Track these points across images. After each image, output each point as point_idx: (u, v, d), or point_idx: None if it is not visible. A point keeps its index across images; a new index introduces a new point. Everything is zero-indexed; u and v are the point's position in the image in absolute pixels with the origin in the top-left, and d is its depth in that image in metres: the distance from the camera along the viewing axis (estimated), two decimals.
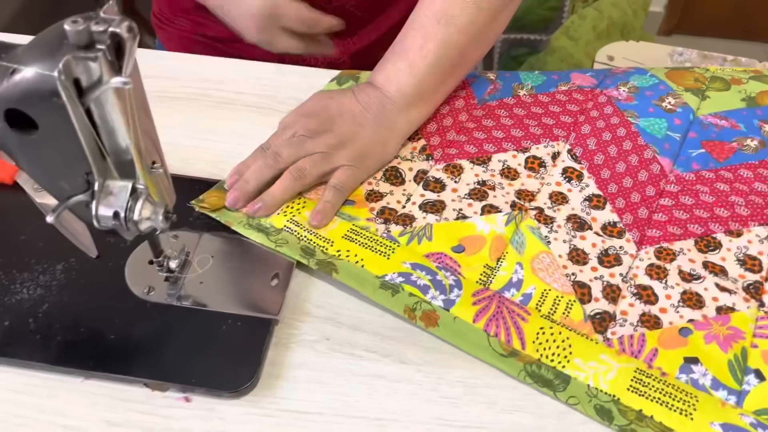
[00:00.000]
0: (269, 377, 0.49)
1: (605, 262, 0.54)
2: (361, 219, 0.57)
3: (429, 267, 0.53)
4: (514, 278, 0.53)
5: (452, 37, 0.61)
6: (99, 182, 0.41)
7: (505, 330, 0.49)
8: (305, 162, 0.57)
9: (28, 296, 0.51)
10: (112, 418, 0.46)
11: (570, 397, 0.47)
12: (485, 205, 0.58)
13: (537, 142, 0.64)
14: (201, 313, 0.51)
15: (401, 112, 0.61)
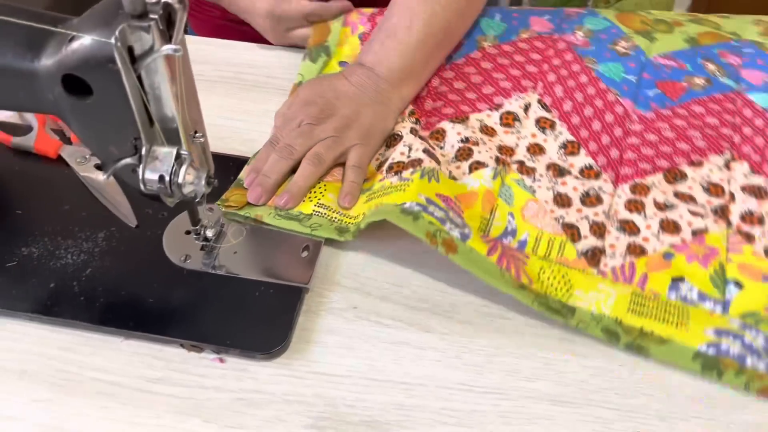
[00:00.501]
0: (300, 341, 0.51)
1: (587, 203, 0.58)
2: (377, 183, 0.59)
3: (440, 206, 0.54)
4: (509, 227, 0.56)
5: (437, 14, 0.64)
6: (146, 147, 0.43)
7: (514, 267, 0.53)
8: (319, 147, 0.59)
9: (72, 261, 0.54)
10: (150, 374, 0.49)
11: (579, 323, 0.51)
12: (472, 162, 0.60)
13: (508, 96, 0.67)
14: (235, 280, 0.53)
15: (394, 89, 0.64)
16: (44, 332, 0.51)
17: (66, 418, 0.46)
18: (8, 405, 0.47)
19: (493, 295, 0.54)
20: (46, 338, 0.51)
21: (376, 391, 0.48)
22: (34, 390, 0.48)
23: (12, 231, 0.56)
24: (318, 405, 0.47)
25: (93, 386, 0.48)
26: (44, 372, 0.49)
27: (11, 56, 0.41)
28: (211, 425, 0.46)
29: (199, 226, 0.53)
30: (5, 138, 0.62)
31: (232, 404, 0.47)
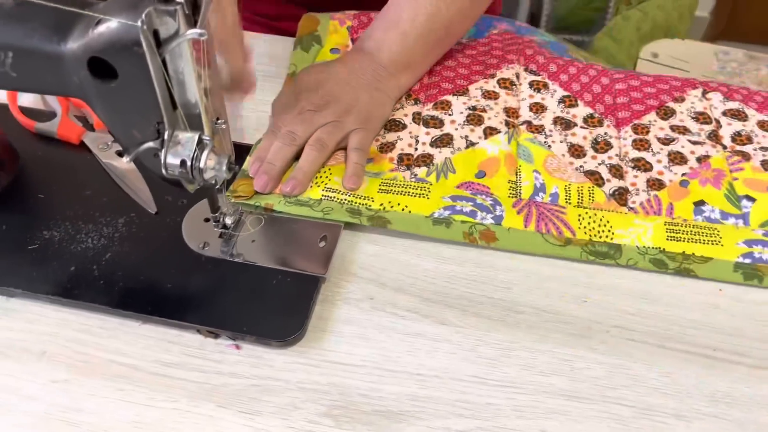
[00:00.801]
0: (316, 330, 0.51)
1: (599, 149, 0.63)
2: (386, 171, 0.61)
3: (466, 195, 0.58)
4: (537, 184, 0.59)
5: (441, 12, 0.64)
6: (168, 132, 0.43)
7: (553, 226, 0.56)
8: (321, 133, 0.59)
9: (93, 246, 0.54)
10: (166, 359, 0.49)
11: (628, 260, 0.55)
12: (485, 128, 0.64)
13: (498, 68, 0.71)
14: (252, 268, 0.54)
15: (392, 77, 0.65)
16: (64, 314, 0.52)
17: (83, 398, 0.47)
18: (27, 385, 0.48)
19: (509, 289, 0.54)
20: (65, 320, 0.51)
21: (390, 382, 0.48)
22: (52, 371, 0.48)
23: (34, 215, 0.57)
24: (332, 394, 0.48)
25: (110, 368, 0.49)
26: (63, 353, 0.49)
27: (38, 38, 0.42)
28: (226, 410, 0.46)
29: (218, 213, 0.54)
30: (28, 123, 0.63)
31: (247, 390, 0.47)
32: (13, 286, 0.52)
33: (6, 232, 0.55)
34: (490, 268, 0.55)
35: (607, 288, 0.54)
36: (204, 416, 0.46)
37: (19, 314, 0.52)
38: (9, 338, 0.50)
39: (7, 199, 0.58)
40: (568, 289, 0.54)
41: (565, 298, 0.53)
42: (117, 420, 0.46)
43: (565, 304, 0.53)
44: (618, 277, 0.55)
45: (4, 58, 0.42)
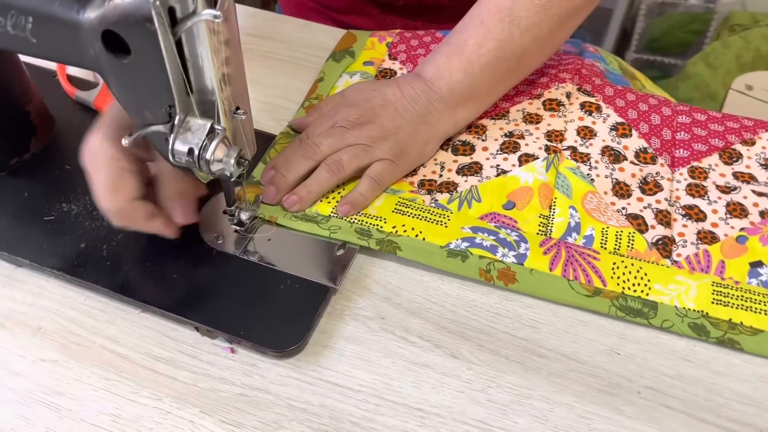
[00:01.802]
0: (316, 344, 0.47)
1: (647, 191, 0.56)
2: (405, 191, 0.56)
3: (488, 228, 0.52)
4: (572, 222, 0.53)
5: (513, 38, 0.56)
6: (180, 117, 0.41)
7: (582, 272, 0.50)
8: (344, 154, 0.54)
9: (107, 225, 0.52)
10: (158, 353, 0.47)
11: (663, 321, 0.48)
12: (521, 155, 0.58)
13: (546, 87, 0.64)
14: (263, 269, 0.51)
15: (447, 110, 0.57)
16: (66, 291, 0.50)
17: (68, 382, 0.45)
18: (16, 360, 0.46)
19: (534, 329, 0.49)
20: (66, 298, 0.50)
21: (386, 413, 0.44)
22: (44, 349, 0.47)
23: (57, 185, 0.56)
24: (322, 416, 0.44)
25: (101, 354, 0.47)
26: (58, 332, 0.48)
27: (59, 4, 0.40)
28: (208, 417, 0.44)
29: (234, 207, 0.51)
30: (71, 90, 0.63)
31: (234, 400, 0.45)
32: (22, 256, 0.51)
33: (27, 199, 0.55)
34: (518, 303, 0.50)
35: (645, 342, 0.48)
36: (185, 420, 0.44)
37: (24, 285, 0.51)
38: (9, 309, 0.49)
39: (35, 166, 0.57)
40: (600, 338, 0.48)
41: (595, 347, 0.48)
42: (96, 411, 0.44)
43: (594, 354, 0.47)
44: (659, 332, 0.48)
45: (24, 22, 0.41)
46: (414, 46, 0.70)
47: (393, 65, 0.68)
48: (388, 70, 0.67)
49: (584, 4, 0.58)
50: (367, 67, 0.68)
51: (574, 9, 0.57)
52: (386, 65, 0.68)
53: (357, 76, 0.66)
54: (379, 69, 0.67)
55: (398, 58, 0.69)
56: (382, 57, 0.69)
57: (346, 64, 0.68)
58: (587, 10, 0.59)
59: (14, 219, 0.53)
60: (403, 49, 0.69)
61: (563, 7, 0.57)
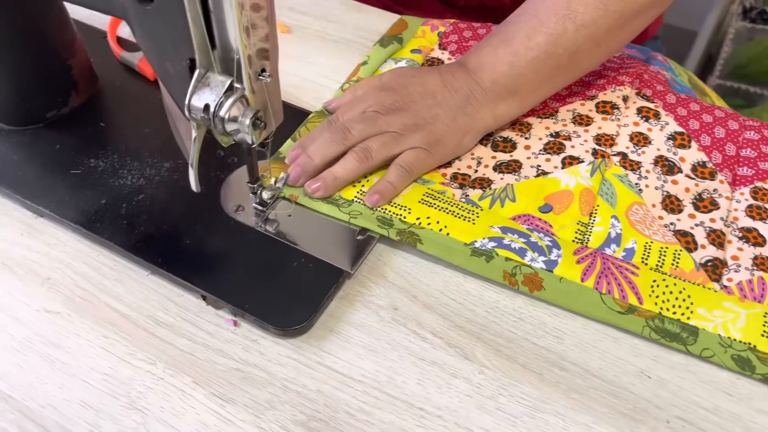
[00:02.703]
0: (322, 328, 0.45)
1: (701, 208, 0.51)
2: (436, 183, 0.52)
3: (520, 230, 0.48)
4: (612, 233, 0.49)
5: (567, 34, 0.52)
6: (200, 72, 0.39)
7: (617, 286, 0.46)
8: (374, 142, 0.51)
9: (130, 183, 0.52)
10: (161, 317, 0.45)
11: (703, 350, 0.43)
12: (565, 157, 0.54)
13: (602, 89, 0.60)
14: (279, 244, 0.48)
15: (489, 103, 0.54)
16: (80, 246, 0.50)
17: (67, 335, 0.44)
18: (20, 307, 0.46)
19: (559, 340, 0.45)
20: (80, 252, 0.49)
21: (385, 408, 0.41)
22: (49, 299, 0.46)
23: (89, 141, 0.55)
24: (317, 403, 0.41)
25: (103, 312, 0.46)
26: (66, 285, 0.47)
27: None
28: (200, 389, 0.42)
29: (257, 184, 0.49)
30: (117, 51, 0.63)
31: (228, 374, 0.42)
32: (44, 205, 0.50)
33: (57, 152, 0.54)
34: (544, 310, 0.46)
35: (682, 368, 0.43)
36: (175, 389, 0.42)
37: (41, 235, 0.50)
38: (23, 256, 0.49)
39: (71, 120, 0.57)
40: (630, 358, 0.44)
41: (624, 366, 0.43)
42: (90, 367, 0.43)
43: (622, 374, 0.43)
44: (699, 360, 0.44)
45: None
46: (467, 37, 0.67)
47: (441, 55, 0.65)
48: (435, 59, 0.64)
49: (650, 4, 0.53)
50: (414, 54, 0.65)
51: (639, 8, 0.53)
52: (434, 54, 0.65)
53: (402, 63, 0.63)
54: (427, 58, 0.65)
55: (448, 48, 0.66)
56: (431, 46, 0.66)
57: (393, 50, 0.65)
58: (654, 12, 0.55)
59: (42, 170, 0.53)
60: (455, 40, 0.66)
61: (626, 5, 0.52)
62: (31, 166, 0.53)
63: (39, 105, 0.56)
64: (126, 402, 0.41)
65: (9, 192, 0.51)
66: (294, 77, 0.63)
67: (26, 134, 0.56)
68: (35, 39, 0.53)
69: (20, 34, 0.52)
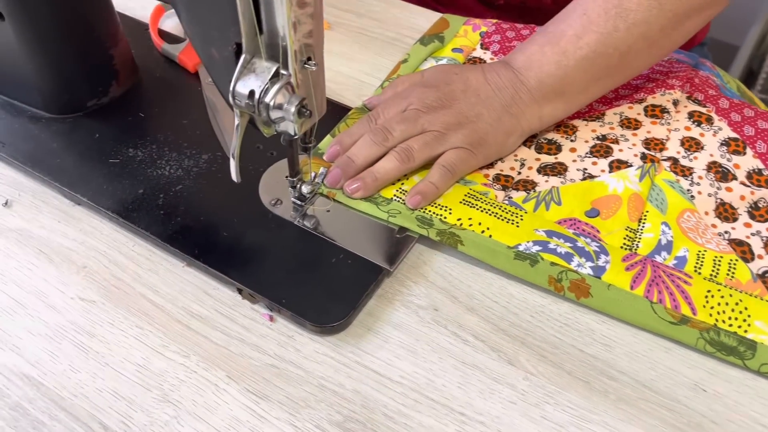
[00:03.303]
0: (360, 326, 0.43)
1: (757, 216, 0.49)
2: (478, 183, 0.51)
3: (566, 234, 0.47)
4: (663, 240, 0.46)
5: (618, 33, 0.50)
6: (246, 57, 0.38)
7: (669, 295, 0.43)
8: (415, 142, 0.49)
9: (168, 174, 0.51)
10: (196, 309, 0.44)
11: (762, 365, 0.41)
12: (612, 161, 0.52)
13: (651, 93, 0.58)
14: (317, 239, 0.47)
15: (534, 103, 0.52)
16: (117, 235, 0.49)
17: (101, 324, 0.43)
18: (56, 294, 0.45)
19: (607, 347, 0.42)
20: (116, 241, 0.48)
21: (425, 412, 0.40)
22: (84, 288, 0.45)
23: (128, 131, 0.55)
24: (354, 403, 0.40)
25: (138, 302, 0.45)
26: (101, 273, 0.46)
27: None
28: (234, 384, 0.41)
29: (296, 178, 0.48)
30: (158, 43, 0.62)
31: (263, 369, 0.41)
32: (81, 193, 0.50)
33: (96, 140, 0.54)
34: (591, 316, 0.44)
35: (739, 383, 0.41)
36: (209, 383, 0.41)
37: (79, 223, 0.50)
38: (60, 243, 0.48)
39: (111, 110, 0.57)
40: (684, 369, 0.41)
41: (677, 378, 0.41)
42: (123, 358, 0.42)
43: (675, 386, 0.41)
44: (757, 374, 0.41)
45: None
46: (510, 38, 0.65)
47: (483, 55, 0.64)
48: (477, 59, 0.63)
49: (706, 4, 0.51)
50: (456, 54, 0.64)
51: (695, 7, 0.51)
52: (476, 54, 0.64)
53: (443, 62, 0.62)
54: (468, 57, 0.63)
55: (490, 48, 0.64)
56: (473, 45, 0.65)
57: (434, 48, 0.64)
58: (709, 13, 0.52)
59: (81, 158, 0.53)
60: (497, 40, 0.65)
61: (681, 4, 0.50)
62: (69, 154, 0.53)
63: (80, 94, 0.56)
64: (158, 394, 0.40)
65: (47, 179, 0.51)
66: (335, 73, 0.63)
67: (66, 122, 0.56)
68: (79, 26, 0.53)
69: (65, 21, 0.52)
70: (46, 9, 0.51)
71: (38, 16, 0.51)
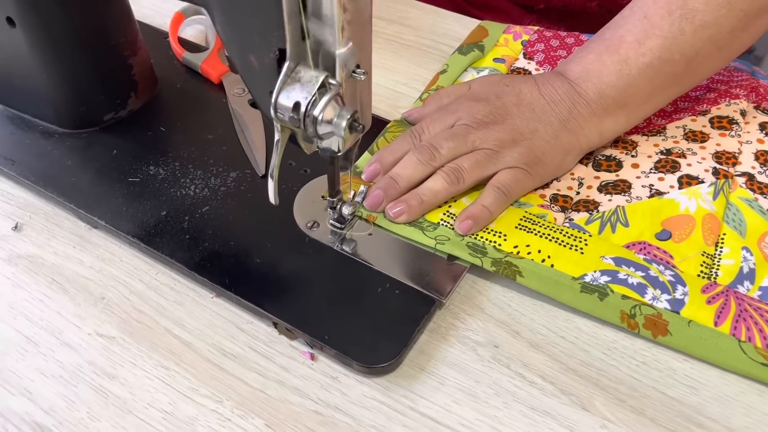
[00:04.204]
0: (412, 365, 0.39)
1: None
2: (534, 205, 0.46)
3: (636, 261, 0.42)
4: (745, 268, 0.42)
5: (684, 37, 0.45)
6: (290, 65, 0.34)
7: (758, 332, 0.38)
8: (466, 161, 0.45)
9: (194, 194, 0.47)
10: (227, 347, 0.40)
11: None
12: (681, 176, 0.47)
13: (714, 103, 0.53)
14: (359, 266, 0.43)
15: (594, 118, 0.47)
16: (138, 262, 0.44)
17: (122, 364, 0.39)
18: (72, 330, 0.40)
19: (693, 390, 0.38)
20: (137, 269, 0.44)
21: None
22: (103, 322, 0.41)
23: (148, 147, 0.51)
24: None
25: (163, 339, 0.40)
26: (121, 305, 0.42)
27: None
28: None
29: (336, 198, 0.43)
30: (179, 52, 0.58)
31: (306, 416, 0.36)
32: (99, 216, 0.45)
33: (114, 157, 0.50)
34: (671, 353, 0.39)
35: None
36: None
37: (96, 248, 0.45)
38: (76, 272, 0.44)
39: (130, 124, 0.53)
40: None
41: None
42: (147, 403, 0.37)
43: None
44: None
45: None
46: (554, 47, 0.61)
47: (528, 65, 0.59)
48: (521, 69, 0.58)
49: None
50: (498, 64, 0.59)
51: (765, 5, 0.46)
52: (519, 64, 0.59)
53: (486, 73, 0.57)
54: (512, 68, 0.59)
55: (534, 58, 0.60)
56: (515, 55, 0.60)
57: (474, 58, 0.59)
58: None
59: (98, 176, 0.48)
60: (541, 49, 0.60)
61: (753, 2, 0.45)
62: (85, 172, 0.49)
63: (96, 106, 0.52)
64: None
65: (61, 200, 0.46)
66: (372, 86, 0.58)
67: (81, 138, 0.51)
68: (96, 33, 0.49)
69: (80, 27, 0.48)
70: (60, 14, 0.47)
71: (51, 22, 0.47)
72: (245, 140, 0.50)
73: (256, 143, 0.49)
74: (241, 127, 0.51)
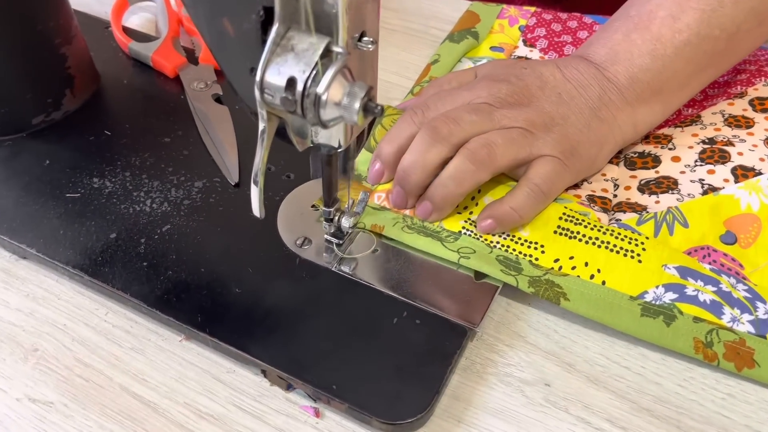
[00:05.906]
0: (446, 416, 0.30)
1: None
2: (573, 201, 0.39)
3: (702, 272, 0.34)
4: None
5: (724, 9, 0.39)
6: (279, 30, 0.25)
7: None
8: (497, 136, 0.36)
9: (150, 210, 0.38)
10: (204, 404, 0.30)
11: None
12: (734, 167, 0.40)
13: (749, 84, 0.47)
14: (366, 291, 0.34)
15: (627, 106, 0.40)
16: (81, 300, 0.35)
17: None
18: None
19: None
20: (80, 309, 0.34)
21: None
22: (36, 382, 0.31)
23: (90, 154, 0.41)
24: None
25: (118, 400, 0.31)
26: (59, 359, 0.32)
27: None
28: None
29: (334, 208, 0.35)
30: (124, 42, 0.48)
31: None
32: (27, 243, 0.36)
33: (47, 169, 0.40)
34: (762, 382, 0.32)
35: None
36: None
37: (25, 285, 0.35)
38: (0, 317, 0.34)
39: (66, 127, 0.43)
40: None
41: None
42: None
43: None
44: None
45: None
46: (557, 31, 0.53)
47: (530, 53, 0.52)
48: (523, 58, 0.51)
49: None
50: (496, 53, 0.51)
51: None
52: (520, 52, 0.52)
53: (483, 62, 0.50)
54: (512, 57, 0.51)
55: (536, 45, 0.52)
56: (514, 43, 0.53)
57: (468, 46, 0.52)
58: None
59: (26, 193, 0.39)
60: (542, 35, 0.53)
61: None
62: (10, 188, 0.39)
63: (22, 107, 0.42)
64: None
65: None
66: None
67: (4, 146, 0.41)
68: (17, 15, 0.39)
69: None
70: None
71: None
72: (211, 142, 0.41)
73: (226, 145, 0.40)
74: (205, 127, 0.42)
